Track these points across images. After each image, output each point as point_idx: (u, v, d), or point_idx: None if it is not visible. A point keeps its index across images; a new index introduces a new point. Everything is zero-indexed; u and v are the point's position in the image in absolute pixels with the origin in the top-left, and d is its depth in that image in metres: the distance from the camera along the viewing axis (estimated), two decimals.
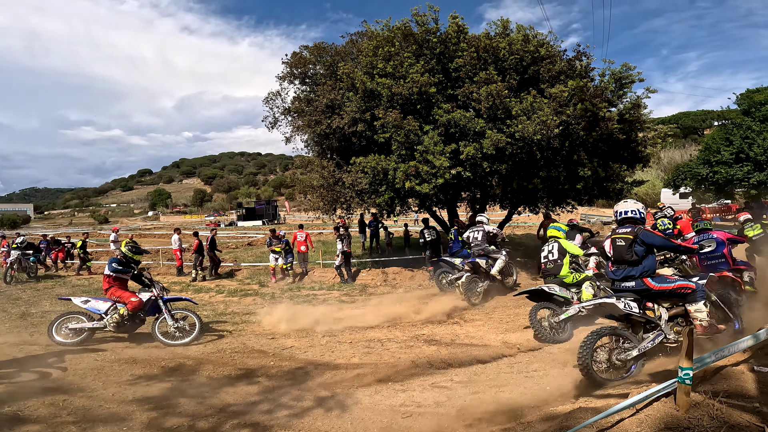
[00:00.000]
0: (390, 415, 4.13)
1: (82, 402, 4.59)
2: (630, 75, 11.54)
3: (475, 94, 10.57)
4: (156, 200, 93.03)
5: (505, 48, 11.06)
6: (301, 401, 4.57)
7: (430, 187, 10.22)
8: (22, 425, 4.00)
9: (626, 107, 11.74)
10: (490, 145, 9.99)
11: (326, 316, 8.82)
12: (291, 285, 12.48)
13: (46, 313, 9.59)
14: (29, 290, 12.64)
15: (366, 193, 11.54)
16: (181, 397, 4.75)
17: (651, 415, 2.58)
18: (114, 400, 4.67)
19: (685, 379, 2.54)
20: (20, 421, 4.09)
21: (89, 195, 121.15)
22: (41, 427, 3.97)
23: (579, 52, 11.89)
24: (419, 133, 10.63)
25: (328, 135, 12.50)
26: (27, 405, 4.41)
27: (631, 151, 12.32)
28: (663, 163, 38.57)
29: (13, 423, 4.03)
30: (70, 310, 7.85)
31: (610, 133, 11.07)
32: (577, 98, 10.42)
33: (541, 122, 9.87)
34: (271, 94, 14.58)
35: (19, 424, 4.01)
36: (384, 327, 7.90)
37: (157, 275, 15.12)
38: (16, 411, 4.30)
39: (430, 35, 11.56)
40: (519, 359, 5.67)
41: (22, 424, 4.01)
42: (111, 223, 57.95)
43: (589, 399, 3.46)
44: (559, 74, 11.12)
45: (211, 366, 5.92)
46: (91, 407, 4.45)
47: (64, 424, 4.03)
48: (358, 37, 14.10)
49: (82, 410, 4.37)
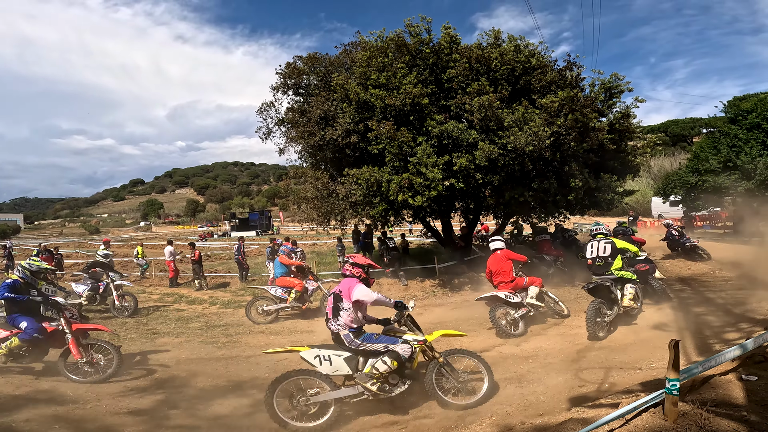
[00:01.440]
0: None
1: None
2: (619, 85, 11.76)
3: (467, 105, 10.69)
4: (148, 210, 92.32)
5: (497, 58, 11.21)
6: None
7: (423, 199, 10.27)
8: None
9: (616, 117, 11.95)
10: (483, 156, 10.08)
11: (321, 327, 8.82)
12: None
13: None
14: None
15: (360, 204, 11.57)
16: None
17: (640, 426, 2.62)
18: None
19: (672, 390, 2.58)
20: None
21: (80, 205, 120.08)
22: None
23: (569, 62, 12.10)
24: (412, 144, 10.71)
25: (322, 146, 12.54)
26: None
27: (621, 160, 12.50)
28: (653, 171, 39.03)
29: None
30: None
31: (600, 144, 11.22)
32: (568, 108, 10.57)
33: (533, 133, 10.00)
34: (265, 104, 14.63)
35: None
36: None
37: (149, 286, 15.00)
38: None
39: (423, 46, 11.70)
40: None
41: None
42: (102, 233, 57.31)
43: (580, 409, 3.50)
44: (550, 84, 11.28)
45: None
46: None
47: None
48: (352, 47, 14.21)
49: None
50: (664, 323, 6.61)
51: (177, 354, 7.41)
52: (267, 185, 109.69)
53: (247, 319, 9.76)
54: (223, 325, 9.66)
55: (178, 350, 7.66)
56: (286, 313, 10.11)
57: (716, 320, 6.68)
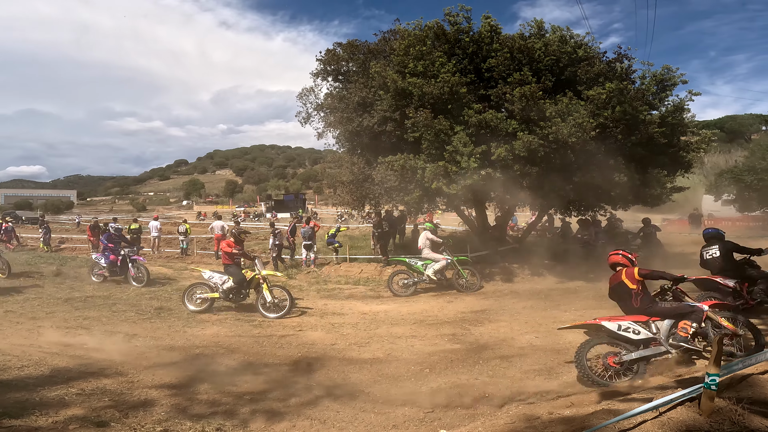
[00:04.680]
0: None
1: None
2: (672, 77, 11.18)
3: (508, 95, 10.49)
4: (190, 190, 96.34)
5: (541, 49, 10.93)
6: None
7: (458, 187, 10.24)
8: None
9: (668, 110, 11.36)
10: (522, 146, 9.90)
11: (352, 310, 9.09)
12: (318, 278, 12.80)
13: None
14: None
15: (394, 190, 11.67)
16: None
17: (673, 418, 2.62)
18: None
19: (711, 385, 2.58)
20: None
21: (129, 183, 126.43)
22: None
23: (620, 53, 11.63)
24: (449, 133, 10.65)
25: (359, 132, 12.67)
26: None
27: (672, 155, 11.91)
28: (705, 167, 36.81)
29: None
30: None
31: (650, 137, 10.75)
32: (616, 101, 10.18)
33: (577, 125, 9.72)
34: (305, 90, 14.86)
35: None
36: (409, 324, 8.04)
37: (190, 263, 15.84)
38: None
39: (463, 35, 11.54)
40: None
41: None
42: (149, 211, 60.46)
43: (611, 402, 3.49)
44: (597, 76, 10.90)
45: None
46: None
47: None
48: (390, 35, 14.16)
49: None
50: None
51: (216, 330, 7.67)
52: (302, 169, 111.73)
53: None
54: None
55: (217, 327, 7.91)
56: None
57: (760, 322, 6.36)
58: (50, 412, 4.00)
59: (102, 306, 9.12)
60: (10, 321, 7.73)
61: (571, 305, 8.91)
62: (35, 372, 5.18)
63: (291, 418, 4.17)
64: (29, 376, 5.02)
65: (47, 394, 4.47)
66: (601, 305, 8.81)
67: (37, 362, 5.51)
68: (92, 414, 4.04)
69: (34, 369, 5.28)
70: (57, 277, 12.40)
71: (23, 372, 5.15)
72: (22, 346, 6.18)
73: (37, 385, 4.70)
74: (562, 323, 7.42)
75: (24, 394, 4.42)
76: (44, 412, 3.98)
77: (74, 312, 8.57)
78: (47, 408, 4.08)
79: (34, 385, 4.69)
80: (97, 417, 3.97)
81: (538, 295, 10.10)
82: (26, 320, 7.84)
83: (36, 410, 3.99)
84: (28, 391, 4.50)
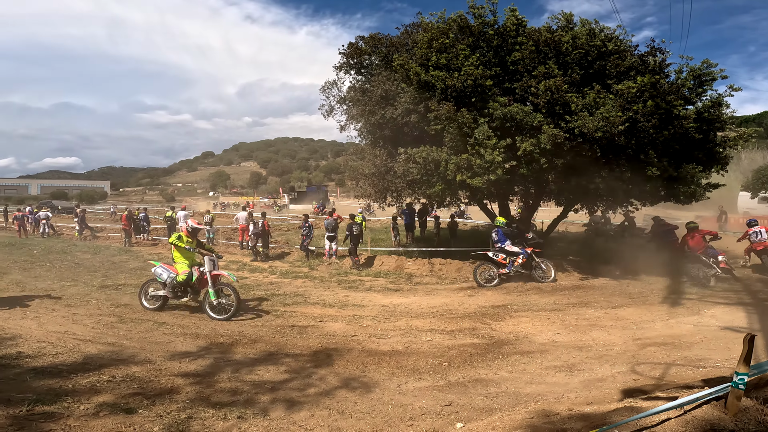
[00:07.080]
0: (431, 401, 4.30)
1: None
2: (711, 72, 10.63)
3: (533, 88, 10.28)
4: (217, 181, 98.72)
5: (568, 42, 10.64)
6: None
7: (482, 180, 10.14)
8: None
9: (705, 105, 10.87)
10: (547, 140, 9.70)
11: (372, 303, 9.17)
12: (339, 270, 12.94)
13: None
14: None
15: (417, 183, 11.65)
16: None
17: (698, 417, 2.57)
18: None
19: (739, 384, 2.53)
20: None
21: (159, 174, 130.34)
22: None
23: (653, 47, 11.16)
24: (473, 126, 10.53)
25: (382, 125, 12.69)
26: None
27: (707, 151, 11.40)
28: (743, 164, 35.09)
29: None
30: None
31: (684, 132, 10.31)
32: (648, 95, 9.82)
33: (604, 118, 9.44)
34: (328, 83, 14.98)
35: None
36: (429, 317, 8.06)
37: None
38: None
39: (487, 28, 11.34)
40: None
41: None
42: (177, 201, 62.31)
43: (634, 400, 3.44)
44: (628, 70, 10.55)
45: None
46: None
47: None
48: (413, 28, 14.08)
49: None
50: (734, 322, 6.15)
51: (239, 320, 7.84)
52: (325, 161, 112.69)
53: (303, 291, 10.10)
54: (281, 295, 10.03)
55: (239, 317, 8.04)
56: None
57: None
58: (82, 399, 4.10)
59: (134, 294, 9.48)
60: (46, 308, 8.11)
61: (597, 302, 8.76)
62: (69, 359, 5.32)
63: (310, 408, 4.24)
64: (63, 363, 5.16)
65: (80, 381, 4.60)
66: (627, 302, 8.68)
67: (71, 349, 5.69)
68: (121, 401, 4.15)
69: (68, 356, 5.43)
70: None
71: (57, 359, 5.30)
72: (57, 333, 6.45)
73: (71, 372, 4.84)
74: (587, 320, 7.36)
75: (57, 381, 4.53)
76: (76, 398, 4.08)
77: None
78: (79, 395, 4.19)
79: (68, 372, 4.83)
80: (126, 404, 4.07)
81: (561, 291, 9.94)
82: (61, 307, 8.24)
83: (68, 397, 4.10)
84: (61, 378, 4.63)
